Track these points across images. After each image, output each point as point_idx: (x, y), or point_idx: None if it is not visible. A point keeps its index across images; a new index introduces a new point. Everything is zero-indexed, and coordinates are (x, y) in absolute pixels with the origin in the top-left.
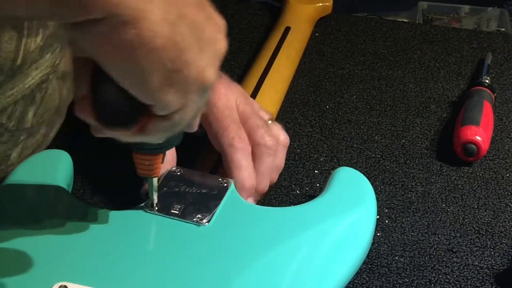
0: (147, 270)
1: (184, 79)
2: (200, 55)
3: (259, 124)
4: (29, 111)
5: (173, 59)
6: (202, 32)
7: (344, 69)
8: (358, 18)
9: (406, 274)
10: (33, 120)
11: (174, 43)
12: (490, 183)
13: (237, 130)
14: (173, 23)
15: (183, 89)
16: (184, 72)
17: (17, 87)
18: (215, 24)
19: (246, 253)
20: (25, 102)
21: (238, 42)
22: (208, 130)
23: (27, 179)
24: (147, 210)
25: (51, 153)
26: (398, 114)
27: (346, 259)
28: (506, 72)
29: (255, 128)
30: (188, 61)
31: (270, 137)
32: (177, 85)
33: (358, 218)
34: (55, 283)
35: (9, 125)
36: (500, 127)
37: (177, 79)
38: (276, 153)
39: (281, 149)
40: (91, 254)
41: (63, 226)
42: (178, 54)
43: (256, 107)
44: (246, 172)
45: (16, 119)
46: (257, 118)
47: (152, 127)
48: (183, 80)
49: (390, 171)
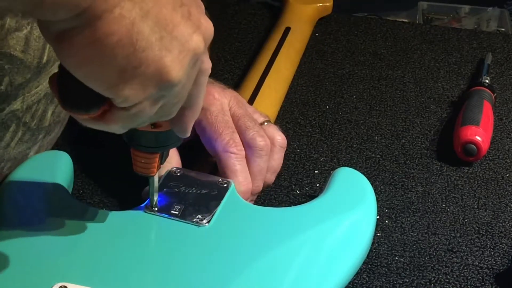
0: (147, 271)
1: (140, 76)
2: (161, 54)
3: (248, 125)
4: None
5: (127, 56)
6: (170, 32)
7: (344, 69)
8: (358, 18)
9: (406, 274)
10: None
11: (130, 42)
12: (490, 183)
13: (231, 134)
14: (133, 23)
15: (140, 86)
16: (140, 69)
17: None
18: (193, 24)
19: (246, 253)
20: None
21: (238, 42)
22: (202, 136)
23: (27, 179)
24: (147, 210)
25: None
26: (398, 114)
27: (346, 259)
28: (506, 72)
29: (244, 129)
30: (145, 59)
31: (261, 138)
32: (134, 81)
33: (358, 218)
34: (55, 283)
35: (31, 124)
36: (500, 127)
37: (133, 76)
38: (270, 154)
39: (277, 150)
40: (91, 255)
41: (63, 227)
42: (134, 52)
43: (250, 109)
44: (241, 177)
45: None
46: (247, 120)
47: (111, 117)
48: (139, 77)
49: (390, 171)
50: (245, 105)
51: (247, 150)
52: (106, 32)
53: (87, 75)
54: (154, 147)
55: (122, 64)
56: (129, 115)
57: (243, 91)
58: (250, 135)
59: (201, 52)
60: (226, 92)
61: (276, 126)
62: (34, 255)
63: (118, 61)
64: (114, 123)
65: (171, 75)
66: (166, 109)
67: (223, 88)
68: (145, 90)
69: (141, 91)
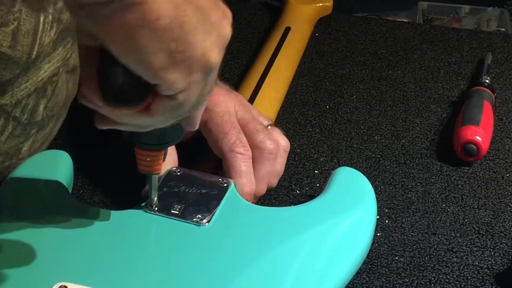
0: (147, 270)
1: (188, 59)
2: (204, 37)
3: (258, 128)
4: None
5: (177, 39)
6: (207, 16)
7: (344, 69)
8: (358, 18)
9: (406, 274)
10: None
11: (179, 24)
12: (490, 183)
13: (237, 135)
14: (178, 5)
15: (187, 69)
16: (188, 52)
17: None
18: (221, 10)
19: (246, 253)
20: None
21: (238, 42)
22: (208, 136)
23: (27, 179)
24: (147, 210)
25: (51, 153)
26: (398, 114)
27: (346, 259)
28: (506, 72)
29: (255, 132)
30: (192, 42)
31: (270, 141)
32: (181, 65)
33: (358, 218)
34: (55, 283)
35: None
36: (500, 127)
37: (181, 59)
38: (276, 157)
39: (281, 154)
40: (91, 254)
41: (63, 227)
42: (182, 35)
43: (255, 113)
44: (246, 178)
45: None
46: (256, 123)
47: (156, 107)
48: (187, 60)
49: (390, 171)
50: (250, 109)
51: (255, 153)
52: (156, 15)
53: (137, 60)
54: (159, 144)
55: (171, 47)
56: (176, 104)
57: (243, 91)
58: (260, 138)
59: (229, 38)
60: (231, 94)
61: (279, 129)
62: (34, 254)
63: (167, 43)
64: (160, 114)
65: (212, 59)
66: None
67: (228, 90)
68: (191, 74)
69: (187, 75)
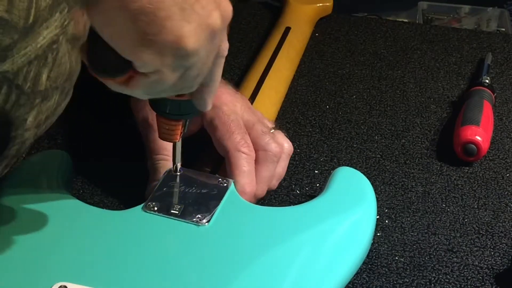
0: (146, 270)
1: (159, 42)
2: (181, 24)
3: (264, 131)
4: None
5: (150, 22)
6: (191, 4)
7: (344, 69)
8: (358, 18)
9: (406, 274)
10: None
11: (153, 9)
12: (490, 183)
13: (243, 135)
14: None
15: (159, 52)
16: (160, 36)
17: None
18: (212, 1)
19: (245, 253)
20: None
21: (238, 42)
22: (213, 134)
23: (27, 179)
24: (146, 210)
25: (51, 153)
26: (398, 114)
27: (346, 259)
28: (506, 72)
29: (261, 134)
30: (166, 26)
31: (276, 144)
32: (154, 46)
33: (358, 218)
34: (55, 283)
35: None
36: (500, 127)
37: (154, 41)
38: (279, 160)
39: (284, 157)
40: (91, 254)
41: (63, 226)
42: (156, 19)
43: (260, 115)
44: (248, 178)
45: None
46: (261, 126)
47: (134, 82)
48: (159, 43)
49: (390, 171)
50: (255, 112)
51: (259, 154)
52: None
53: (112, 35)
54: (177, 114)
55: (143, 29)
56: (150, 82)
57: (243, 91)
58: (266, 140)
59: (219, 29)
60: (237, 96)
61: (283, 133)
62: (33, 255)
63: (140, 26)
64: (137, 88)
65: (187, 45)
66: (186, 81)
67: (235, 92)
68: (162, 57)
69: (158, 58)
